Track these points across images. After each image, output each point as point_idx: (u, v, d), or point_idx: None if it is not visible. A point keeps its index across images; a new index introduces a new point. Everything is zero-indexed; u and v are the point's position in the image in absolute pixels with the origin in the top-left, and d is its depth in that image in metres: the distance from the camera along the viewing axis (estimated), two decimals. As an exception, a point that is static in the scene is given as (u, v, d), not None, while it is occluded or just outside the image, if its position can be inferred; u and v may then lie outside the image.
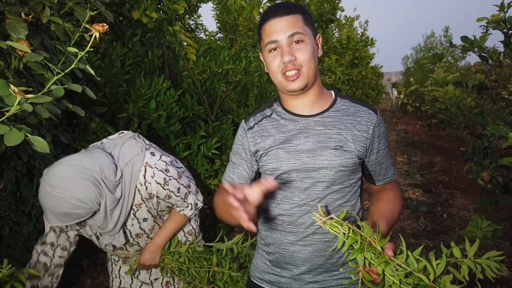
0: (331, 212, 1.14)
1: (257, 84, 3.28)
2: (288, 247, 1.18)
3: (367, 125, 1.15)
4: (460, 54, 13.12)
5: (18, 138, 0.70)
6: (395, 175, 1.28)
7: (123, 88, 2.36)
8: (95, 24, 0.89)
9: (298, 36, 1.07)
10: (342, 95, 1.24)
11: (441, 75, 2.26)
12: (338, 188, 1.14)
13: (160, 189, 1.43)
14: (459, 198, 4.67)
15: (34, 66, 0.96)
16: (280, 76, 1.10)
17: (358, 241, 0.85)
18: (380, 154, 1.19)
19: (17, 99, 0.72)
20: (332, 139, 1.12)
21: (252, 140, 1.21)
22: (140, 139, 1.50)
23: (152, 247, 1.54)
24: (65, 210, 1.21)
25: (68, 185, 1.19)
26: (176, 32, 2.72)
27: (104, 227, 1.36)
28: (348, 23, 8.12)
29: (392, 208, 1.17)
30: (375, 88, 10.10)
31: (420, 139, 8.82)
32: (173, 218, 1.56)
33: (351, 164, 1.12)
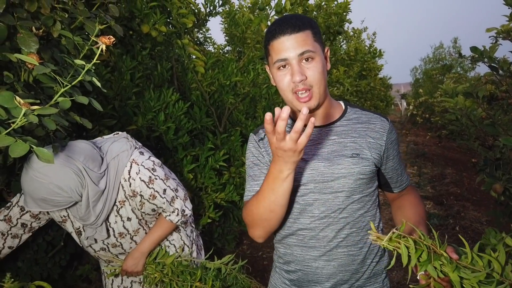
0: (354, 223, 1.12)
1: (265, 96, 3.28)
2: (311, 263, 1.13)
3: (380, 132, 1.14)
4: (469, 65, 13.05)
5: (23, 150, 0.71)
6: (409, 180, 1.28)
7: (132, 101, 2.38)
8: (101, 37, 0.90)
9: (308, 54, 1.03)
10: (351, 104, 1.23)
11: (450, 86, 2.24)
12: (358, 198, 1.11)
13: (144, 187, 1.40)
14: (472, 210, 4.59)
15: (43, 79, 0.97)
16: (290, 95, 1.07)
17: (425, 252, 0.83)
18: (395, 160, 1.19)
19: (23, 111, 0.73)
20: (348, 147, 1.11)
21: (265, 150, 1.18)
22: (132, 140, 1.49)
23: (136, 254, 1.50)
24: (43, 196, 1.20)
25: (48, 171, 1.19)
26: (185, 45, 2.75)
27: (86, 218, 1.35)
28: (356, 35, 8.15)
29: (420, 212, 1.16)
30: (383, 100, 10.07)
31: (430, 150, 8.72)
32: (160, 224, 1.53)
33: (369, 172, 1.10)
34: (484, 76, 3.12)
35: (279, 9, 3.05)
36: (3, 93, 0.74)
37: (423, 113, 10.03)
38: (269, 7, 3.15)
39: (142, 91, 2.50)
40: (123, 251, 1.53)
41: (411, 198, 1.23)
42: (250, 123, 3.19)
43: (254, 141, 1.22)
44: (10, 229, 1.42)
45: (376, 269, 1.17)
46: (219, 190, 2.77)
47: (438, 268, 0.81)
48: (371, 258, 1.15)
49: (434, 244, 0.84)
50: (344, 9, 5.06)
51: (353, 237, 1.12)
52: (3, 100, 0.74)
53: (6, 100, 0.74)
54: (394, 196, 1.28)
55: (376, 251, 1.16)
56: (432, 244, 0.84)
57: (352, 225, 1.11)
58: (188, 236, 1.69)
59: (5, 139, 0.72)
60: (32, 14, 1.05)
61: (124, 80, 2.34)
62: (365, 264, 1.14)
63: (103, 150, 1.41)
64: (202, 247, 1.83)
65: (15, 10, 0.98)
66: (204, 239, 3.30)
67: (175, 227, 1.58)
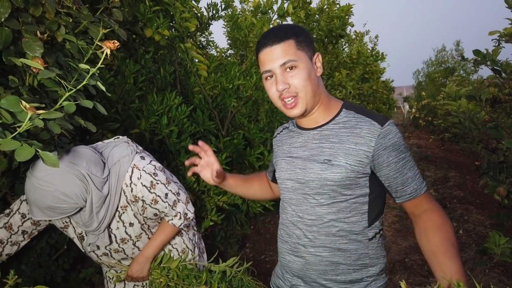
0: (323, 227, 1.13)
1: (268, 99, 3.29)
2: (285, 256, 1.24)
3: (367, 137, 1.07)
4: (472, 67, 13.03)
5: (28, 154, 0.72)
6: (421, 190, 1.10)
7: (135, 104, 2.39)
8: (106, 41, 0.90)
9: (290, 63, 1.08)
10: (352, 105, 1.20)
11: (453, 89, 2.24)
12: (327, 203, 1.12)
13: (146, 192, 1.40)
14: (475, 213, 4.57)
15: (47, 83, 0.98)
16: (279, 103, 1.14)
17: None
18: (392, 168, 1.07)
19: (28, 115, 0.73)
20: (323, 153, 1.13)
21: (276, 145, 1.35)
22: (133, 144, 1.49)
23: (141, 259, 1.49)
24: (50, 204, 1.20)
25: (53, 179, 1.18)
26: (187, 49, 2.77)
27: (89, 224, 1.34)
28: (358, 38, 8.16)
29: (449, 237, 1.03)
30: (386, 102, 10.06)
31: (433, 153, 8.70)
32: (162, 228, 1.52)
33: (338, 179, 1.08)
34: (487, 79, 3.12)
35: (281, 13, 3.06)
36: (8, 97, 0.75)
37: (426, 116, 10.01)
38: (271, 10, 3.15)
39: (145, 94, 2.51)
40: (126, 256, 1.53)
41: (434, 218, 1.07)
42: (253, 126, 3.20)
43: (275, 133, 1.40)
44: (10, 236, 1.42)
45: (353, 276, 1.13)
46: (222, 193, 2.77)
47: None
48: (346, 264, 1.13)
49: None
50: (347, 12, 5.07)
51: (321, 240, 1.14)
52: (9, 104, 0.75)
53: (11, 104, 0.75)
54: (408, 208, 1.14)
55: (355, 259, 1.13)
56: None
57: (320, 228, 1.14)
58: (191, 239, 1.69)
59: (10, 143, 0.72)
60: (37, 19, 1.06)
61: (127, 83, 2.35)
62: (338, 268, 1.14)
63: (104, 155, 1.40)
64: (204, 250, 1.83)
65: (20, 15, 0.99)
66: (207, 242, 3.29)
67: (178, 231, 1.58)
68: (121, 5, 2.10)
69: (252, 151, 2.95)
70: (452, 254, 0.99)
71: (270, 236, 3.99)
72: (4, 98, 0.74)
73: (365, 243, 1.14)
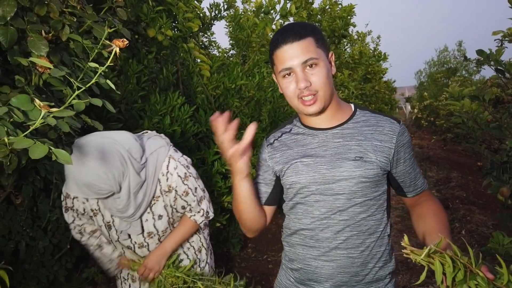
0: (355, 226, 1.11)
1: (270, 99, 3.29)
2: (311, 263, 1.16)
3: (389, 135, 1.12)
4: (474, 68, 13.00)
5: (42, 151, 0.72)
6: (426, 184, 1.22)
7: (138, 104, 2.39)
8: (115, 40, 0.91)
9: (312, 61, 1.06)
10: (362, 106, 1.23)
11: (456, 89, 2.24)
12: (360, 201, 1.11)
13: (180, 182, 1.44)
14: (478, 214, 4.56)
15: (54, 82, 0.98)
16: (296, 101, 1.11)
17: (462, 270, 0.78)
18: (408, 163, 1.15)
19: (42, 113, 0.74)
20: (352, 150, 1.11)
21: (271, 155, 1.24)
22: (166, 137, 1.54)
23: (159, 251, 1.50)
24: (88, 180, 1.22)
25: (96, 156, 1.21)
26: (190, 49, 2.77)
27: (125, 210, 1.36)
28: (360, 38, 8.15)
29: (443, 220, 1.12)
30: (388, 103, 10.03)
31: (435, 154, 8.69)
32: (184, 223, 1.54)
33: (372, 175, 1.09)
34: (490, 79, 3.11)
35: (284, 13, 3.06)
36: (19, 96, 0.75)
37: (428, 116, 10.00)
38: (274, 11, 3.16)
39: (148, 94, 2.51)
40: (148, 253, 1.53)
41: (431, 205, 1.17)
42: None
43: (264, 146, 1.29)
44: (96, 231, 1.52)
45: (379, 274, 1.15)
46: (226, 193, 2.77)
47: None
48: (373, 263, 1.14)
49: (470, 262, 0.78)
50: (349, 12, 5.07)
51: (353, 240, 1.12)
52: (20, 102, 0.75)
53: (22, 102, 0.75)
54: (411, 201, 1.23)
55: (380, 256, 1.15)
56: (468, 262, 0.78)
57: (353, 228, 1.11)
58: (206, 238, 1.71)
59: (24, 141, 0.72)
60: (41, 18, 1.06)
61: (130, 83, 2.36)
62: (367, 268, 1.13)
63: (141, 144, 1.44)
64: (212, 251, 1.84)
65: (25, 14, 0.99)
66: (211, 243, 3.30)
67: (197, 228, 1.60)
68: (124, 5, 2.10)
69: (254, 151, 2.95)
70: (446, 234, 1.02)
71: (272, 236, 3.99)
72: (15, 97, 0.75)
73: (386, 240, 1.17)
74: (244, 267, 3.41)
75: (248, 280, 3.18)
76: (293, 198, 1.19)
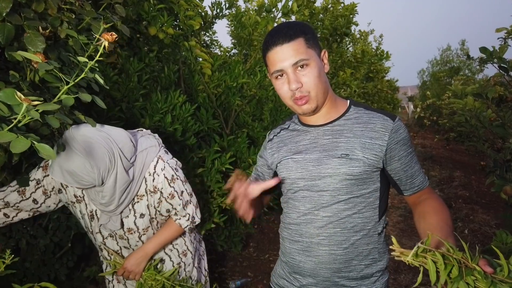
0: (338, 223, 1.11)
1: (272, 98, 3.28)
2: (295, 257, 1.19)
3: (381, 132, 1.11)
4: (477, 67, 12.95)
5: (24, 145, 0.71)
6: (426, 182, 1.19)
7: (139, 103, 2.39)
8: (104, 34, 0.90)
9: (302, 62, 1.07)
10: (358, 103, 1.22)
11: (459, 87, 2.22)
12: (345, 198, 1.11)
13: (166, 184, 1.43)
14: (481, 213, 4.53)
15: (48, 78, 0.98)
16: (290, 101, 1.13)
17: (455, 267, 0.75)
18: (403, 161, 1.13)
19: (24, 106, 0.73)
20: (339, 148, 1.11)
21: (270, 151, 1.29)
22: (158, 138, 1.52)
23: (140, 253, 1.47)
24: (73, 169, 1.20)
25: (88, 147, 1.21)
26: (192, 47, 2.76)
27: (108, 204, 1.35)
28: (363, 37, 8.12)
29: (445, 218, 1.08)
30: (390, 102, 10.00)
31: (438, 153, 8.65)
32: (168, 226, 1.52)
33: (357, 173, 1.09)
34: (493, 77, 3.09)
35: (285, 11, 3.05)
36: (5, 90, 0.74)
37: (431, 115, 9.96)
38: (275, 9, 3.14)
39: (149, 93, 2.50)
40: (129, 246, 1.51)
41: (433, 203, 1.13)
42: (257, 125, 3.19)
43: (265, 141, 1.35)
44: (19, 202, 1.40)
45: (365, 272, 1.15)
46: (225, 194, 2.76)
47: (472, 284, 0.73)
48: (358, 260, 1.14)
49: (465, 257, 0.76)
50: (351, 11, 5.05)
51: (337, 237, 1.12)
52: (6, 96, 0.74)
53: (8, 96, 0.74)
54: (411, 200, 1.20)
55: (366, 254, 1.14)
56: (463, 257, 0.76)
57: (336, 225, 1.12)
58: (192, 242, 1.69)
59: (6, 135, 0.72)
60: (39, 15, 1.05)
61: (131, 82, 2.35)
62: (350, 265, 1.13)
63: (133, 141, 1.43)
64: (204, 253, 1.82)
65: (22, 10, 0.99)
66: (210, 241, 3.29)
67: (182, 232, 1.57)
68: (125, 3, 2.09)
69: (256, 149, 2.94)
70: (447, 232, 1.01)
71: (274, 235, 3.98)
72: (1, 91, 0.74)
73: (375, 238, 1.15)
74: (245, 266, 3.40)
75: (250, 279, 3.17)
76: (286, 193, 1.24)
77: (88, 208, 1.44)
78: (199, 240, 1.81)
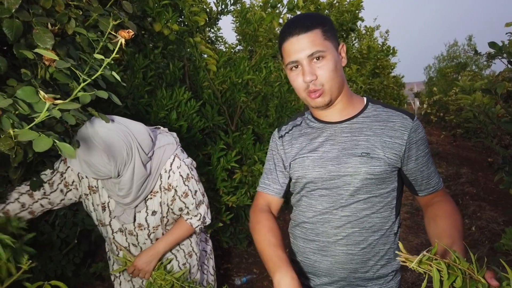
0: (357, 223, 1.09)
1: (277, 94, 3.27)
2: (310, 256, 1.17)
3: (400, 130, 1.08)
4: (484, 62, 12.83)
5: (46, 144, 0.71)
6: (441, 184, 1.17)
7: (144, 100, 2.39)
8: (121, 31, 0.89)
9: (318, 54, 1.04)
10: (375, 100, 1.19)
11: (467, 83, 2.20)
12: (364, 198, 1.08)
13: (181, 182, 1.43)
14: (488, 210, 4.50)
15: (59, 76, 0.97)
16: (304, 94, 1.11)
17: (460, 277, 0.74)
18: (420, 161, 1.11)
19: (46, 105, 0.73)
20: (359, 146, 1.08)
21: (283, 148, 1.23)
22: (175, 136, 1.54)
23: (151, 251, 1.47)
24: (91, 160, 1.21)
25: (108, 140, 1.21)
26: (197, 43, 2.75)
27: (125, 197, 1.36)
28: (369, 33, 8.07)
29: (456, 224, 1.06)
30: (396, 98, 9.94)
31: (445, 149, 8.59)
32: (179, 226, 1.53)
33: (378, 172, 1.06)
34: (502, 73, 3.06)
35: (291, 7, 3.03)
36: (24, 88, 0.74)
37: (437, 111, 9.89)
38: (281, 4, 3.12)
39: (154, 89, 2.50)
40: (137, 243, 1.51)
41: (446, 207, 1.11)
42: (262, 121, 3.18)
43: (276, 138, 1.28)
44: (49, 193, 1.43)
45: (381, 272, 1.13)
46: (231, 193, 2.75)
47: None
48: (374, 260, 1.12)
49: (471, 268, 0.75)
50: (357, 6, 5.01)
51: (355, 237, 1.10)
52: (25, 94, 0.74)
53: (28, 94, 0.74)
54: (423, 201, 1.18)
55: (383, 254, 1.13)
56: (469, 268, 0.75)
57: (355, 225, 1.10)
58: (198, 244, 1.68)
59: (28, 134, 0.71)
60: (47, 11, 1.05)
61: (137, 78, 2.35)
62: (367, 265, 1.12)
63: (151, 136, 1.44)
64: (212, 252, 1.81)
65: (30, 7, 0.98)
66: (216, 238, 3.30)
67: (193, 232, 1.57)
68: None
69: (261, 146, 2.93)
70: (456, 238, 1.00)
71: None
72: (20, 89, 0.74)
73: (392, 238, 1.14)
74: (251, 263, 3.41)
75: (255, 275, 3.17)
76: (300, 192, 1.19)
77: (101, 199, 1.44)
78: (206, 240, 1.81)
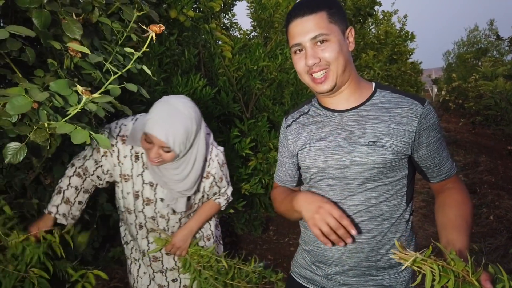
0: (366, 212, 1.08)
1: (293, 81, 3.24)
2: (320, 245, 1.16)
3: (410, 117, 1.04)
4: (506, 48, 12.42)
5: (83, 137, 0.73)
6: (453, 170, 1.13)
7: (160, 87, 2.40)
8: (152, 25, 0.89)
9: (322, 37, 1.01)
10: (384, 85, 1.15)
11: (489, 69, 2.13)
12: (372, 186, 1.06)
13: (218, 169, 1.52)
14: (507, 199, 4.41)
15: (85, 66, 0.98)
16: (307, 77, 1.08)
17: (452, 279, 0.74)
18: (431, 148, 1.07)
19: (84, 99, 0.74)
20: (366, 134, 1.06)
21: (291, 137, 1.22)
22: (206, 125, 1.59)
23: (185, 230, 1.56)
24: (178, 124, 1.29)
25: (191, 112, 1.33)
26: (212, 30, 2.74)
27: (181, 181, 1.41)
28: (386, 18, 7.89)
29: (464, 214, 1.03)
30: (414, 85, 9.74)
31: (463, 137, 8.43)
32: (207, 205, 1.61)
33: (386, 161, 1.03)
34: (525, 58, 2.95)
35: (307, -8, 2.98)
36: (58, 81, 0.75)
37: (456, 98, 9.67)
38: (297, -11, 3.07)
39: (170, 76, 2.51)
40: (167, 227, 1.58)
41: (456, 196, 1.08)
42: (277, 108, 3.16)
43: (283, 127, 1.26)
44: (83, 183, 1.50)
45: (392, 261, 1.10)
46: (245, 180, 2.76)
47: None
48: (386, 249, 1.10)
49: (467, 269, 0.74)
50: (375, -10, 4.89)
51: (364, 225, 1.09)
52: (59, 87, 0.75)
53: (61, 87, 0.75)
54: (436, 187, 1.15)
55: (394, 243, 1.09)
56: (464, 270, 0.74)
57: (364, 213, 1.08)
58: (216, 227, 1.76)
59: (66, 126, 0.73)
60: (71, 1, 1.05)
61: (153, 65, 2.36)
62: (378, 253, 1.10)
63: None
64: (221, 237, 1.86)
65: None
66: (230, 225, 3.33)
67: (219, 211, 1.66)
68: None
69: (276, 133, 2.92)
70: (462, 229, 0.98)
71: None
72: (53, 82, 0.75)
73: (403, 226, 1.12)
74: (265, 249, 3.43)
75: (270, 262, 3.20)
76: (309, 182, 1.19)
77: (134, 188, 1.49)
78: (216, 225, 1.84)
